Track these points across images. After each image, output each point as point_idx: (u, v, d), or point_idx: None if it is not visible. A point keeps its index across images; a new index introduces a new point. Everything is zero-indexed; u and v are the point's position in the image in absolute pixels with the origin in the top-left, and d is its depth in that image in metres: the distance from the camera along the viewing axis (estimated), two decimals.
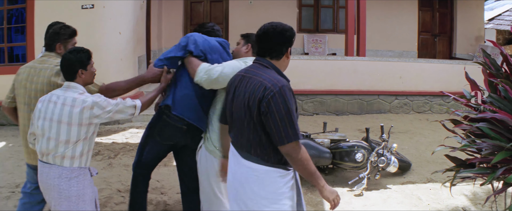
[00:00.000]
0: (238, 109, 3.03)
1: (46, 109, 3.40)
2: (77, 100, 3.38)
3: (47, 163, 3.41)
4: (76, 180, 3.43)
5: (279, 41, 3.03)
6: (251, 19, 14.46)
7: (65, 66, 3.48)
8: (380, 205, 5.57)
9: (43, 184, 3.47)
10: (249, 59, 3.78)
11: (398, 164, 6.23)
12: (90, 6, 9.44)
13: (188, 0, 14.88)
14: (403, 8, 15.12)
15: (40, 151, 3.44)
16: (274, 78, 2.91)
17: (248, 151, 3.03)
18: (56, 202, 3.44)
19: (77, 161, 3.44)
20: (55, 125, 3.35)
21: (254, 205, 3.01)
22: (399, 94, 11.35)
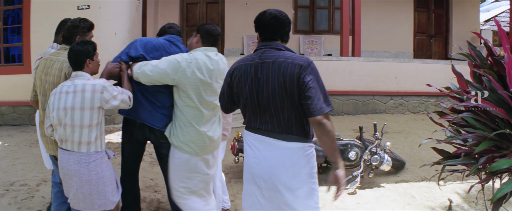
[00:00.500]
0: (271, 94, 3.13)
1: (59, 100, 3.64)
2: (87, 85, 3.64)
3: (66, 150, 3.67)
4: (94, 164, 3.67)
5: (288, 25, 3.29)
6: (247, 20, 14.44)
7: (73, 57, 3.71)
8: (373, 203, 5.59)
9: (64, 170, 3.71)
10: (199, 50, 4.04)
11: (391, 162, 6.25)
12: (86, 7, 9.47)
13: (184, 1, 14.90)
14: (399, 9, 15.14)
15: (59, 139, 3.69)
16: (301, 56, 3.15)
17: (288, 132, 3.16)
18: (78, 186, 3.68)
19: (93, 146, 3.68)
20: (70, 112, 3.59)
21: (298, 184, 3.17)
22: (394, 94, 11.38)
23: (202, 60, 3.98)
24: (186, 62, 3.92)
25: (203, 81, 3.97)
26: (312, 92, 3.00)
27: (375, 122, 6.48)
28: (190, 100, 3.97)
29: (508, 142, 3.16)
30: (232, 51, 14.57)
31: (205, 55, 4.02)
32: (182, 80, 3.92)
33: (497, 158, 2.97)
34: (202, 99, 4.00)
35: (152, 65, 3.91)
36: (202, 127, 4.06)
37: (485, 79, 3.25)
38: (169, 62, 3.90)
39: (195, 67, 3.92)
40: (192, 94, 3.95)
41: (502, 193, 2.85)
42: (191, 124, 4.02)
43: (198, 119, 4.03)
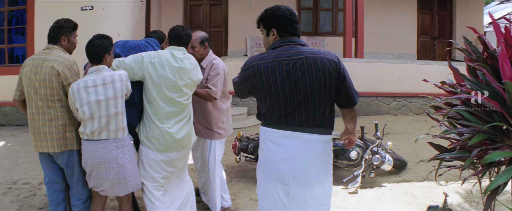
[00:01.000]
0: (309, 89, 3.19)
1: (87, 95, 3.86)
2: (114, 76, 3.92)
3: (101, 140, 3.90)
4: (128, 148, 4.04)
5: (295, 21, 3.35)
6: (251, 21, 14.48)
7: (94, 51, 3.94)
8: (374, 203, 5.60)
9: (99, 160, 3.91)
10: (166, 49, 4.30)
11: (392, 162, 6.25)
12: (89, 8, 9.52)
13: (187, 2, 14.95)
14: (402, 11, 15.14)
15: (92, 131, 3.88)
16: (328, 51, 3.28)
17: (321, 125, 3.28)
18: (116, 171, 3.97)
19: (126, 131, 4.04)
20: (104, 103, 3.86)
21: (326, 176, 3.35)
22: (397, 95, 11.37)
23: (165, 57, 4.17)
24: (149, 58, 4.14)
25: (165, 77, 4.13)
26: (349, 85, 3.25)
27: (377, 122, 6.47)
28: (151, 95, 4.15)
29: (502, 134, 3.17)
30: (235, 52, 14.60)
31: (169, 53, 4.22)
32: (145, 75, 4.12)
33: (491, 150, 2.97)
34: (163, 95, 4.15)
35: (119, 60, 4.16)
36: (163, 123, 4.19)
37: (480, 73, 3.26)
38: (134, 58, 4.15)
39: (157, 63, 4.12)
40: (152, 89, 4.13)
41: (495, 184, 2.86)
42: (152, 120, 4.18)
43: (159, 115, 4.17)
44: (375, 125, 6.32)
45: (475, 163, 3.37)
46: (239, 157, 6.43)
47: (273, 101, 3.27)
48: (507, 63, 2.99)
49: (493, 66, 3.26)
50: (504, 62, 2.99)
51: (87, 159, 3.95)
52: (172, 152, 4.30)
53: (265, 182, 3.39)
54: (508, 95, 2.98)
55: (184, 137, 4.33)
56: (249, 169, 6.90)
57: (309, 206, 3.25)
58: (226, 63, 11.03)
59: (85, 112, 3.86)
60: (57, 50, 4.22)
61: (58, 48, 4.24)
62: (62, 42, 4.26)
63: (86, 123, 3.91)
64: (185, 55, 4.34)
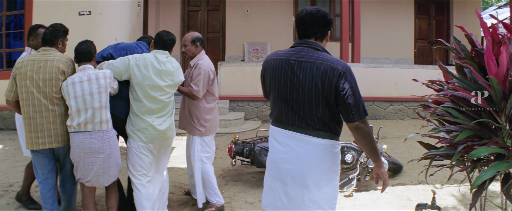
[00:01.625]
0: (307, 93, 3.19)
1: (74, 90, 4.24)
2: (99, 74, 4.32)
3: (87, 131, 4.24)
4: (113, 139, 4.39)
5: (324, 23, 3.25)
6: (248, 27, 14.60)
7: (85, 53, 4.40)
8: (369, 205, 5.62)
9: (86, 150, 4.24)
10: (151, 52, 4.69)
11: (388, 165, 6.26)
12: (87, 13, 9.57)
13: (185, 8, 15.00)
14: (400, 16, 15.19)
15: (78, 123, 4.22)
16: (339, 60, 3.18)
17: (320, 129, 3.24)
18: (101, 161, 4.32)
19: (110, 123, 4.38)
20: (89, 97, 4.23)
21: (326, 180, 3.29)
22: (394, 100, 11.41)
23: (149, 60, 4.57)
24: (135, 60, 4.53)
25: (148, 77, 4.52)
26: (350, 100, 3.08)
27: (371, 125, 6.49)
28: (136, 94, 4.55)
29: (489, 131, 3.20)
30: (233, 58, 14.64)
31: (154, 56, 4.61)
32: (131, 76, 4.52)
33: (477, 146, 3.00)
34: (147, 93, 4.54)
35: (108, 63, 4.57)
36: (147, 117, 4.59)
37: (467, 71, 3.30)
38: (122, 61, 4.54)
39: (142, 65, 4.51)
40: (137, 88, 4.53)
41: (481, 180, 2.88)
42: (137, 115, 4.57)
43: (143, 111, 4.57)
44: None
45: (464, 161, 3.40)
46: (235, 161, 6.46)
47: (275, 97, 3.37)
48: (492, 60, 3.03)
49: (480, 64, 3.29)
50: (490, 58, 3.03)
51: (75, 150, 4.26)
52: (155, 143, 4.68)
53: (268, 179, 3.51)
54: (493, 91, 3.01)
55: (166, 129, 4.73)
56: (245, 172, 6.92)
57: (306, 207, 3.31)
58: (223, 68, 11.11)
59: (72, 105, 4.23)
60: (55, 52, 4.48)
61: (55, 50, 4.51)
62: (58, 45, 4.56)
63: (73, 116, 4.25)
64: (168, 58, 4.72)
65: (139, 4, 11.31)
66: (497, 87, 2.97)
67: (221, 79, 11.15)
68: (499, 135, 3.17)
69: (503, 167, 2.92)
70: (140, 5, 11.43)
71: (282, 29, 14.74)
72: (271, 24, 14.71)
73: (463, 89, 3.22)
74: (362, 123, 3.13)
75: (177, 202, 5.74)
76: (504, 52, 3.02)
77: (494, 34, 3.21)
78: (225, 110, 10.76)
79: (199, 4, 15.06)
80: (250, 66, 11.62)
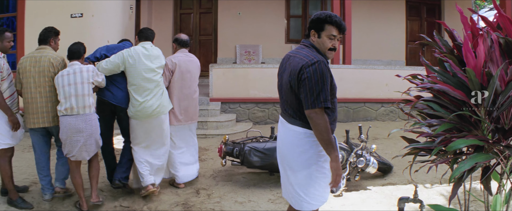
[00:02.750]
0: (285, 82, 3.68)
1: (62, 81, 5.33)
2: (83, 68, 5.44)
3: (73, 115, 5.30)
4: (94, 121, 5.44)
5: (310, 23, 3.69)
6: (240, 29, 14.64)
7: (74, 52, 5.59)
8: (358, 205, 5.66)
9: (72, 130, 5.28)
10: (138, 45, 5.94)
11: (377, 165, 6.30)
12: (79, 15, 9.59)
13: (177, 11, 15.03)
14: (391, 18, 15.24)
15: (65, 108, 5.29)
16: (311, 54, 3.52)
17: (293, 117, 3.64)
18: (84, 139, 5.33)
19: (92, 108, 5.42)
20: (74, 86, 5.29)
21: (298, 166, 3.65)
22: (385, 101, 11.43)
23: (139, 50, 5.83)
24: (128, 52, 5.77)
25: (141, 62, 5.76)
26: (305, 89, 3.42)
27: (361, 125, 6.54)
28: (133, 78, 5.75)
29: (469, 124, 3.24)
30: (225, 60, 14.67)
31: (141, 47, 5.89)
32: (126, 65, 5.74)
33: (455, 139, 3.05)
34: (142, 76, 5.75)
35: (106, 61, 5.74)
36: (143, 98, 5.75)
37: (447, 65, 3.34)
38: (117, 56, 5.75)
39: (134, 54, 5.76)
40: (134, 74, 5.74)
41: (459, 171, 2.92)
42: (135, 98, 5.76)
43: (140, 92, 5.76)
44: (359, 127, 6.38)
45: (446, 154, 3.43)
46: (225, 161, 6.49)
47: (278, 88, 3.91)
48: (470, 52, 3.08)
49: (461, 58, 3.34)
50: (468, 51, 3.08)
51: (63, 130, 5.32)
52: (149, 119, 5.81)
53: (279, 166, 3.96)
54: (471, 84, 3.06)
55: (157, 107, 5.83)
56: (235, 173, 6.96)
57: (287, 189, 3.81)
58: (214, 70, 11.16)
59: (60, 93, 5.34)
60: (50, 49, 5.64)
61: (49, 48, 5.65)
62: (51, 43, 5.70)
63: (61, 103, 5.33)
64: (152, 47, 6.00)
65: (131, 7, 11.34)
66: (474, 79, 3.02)
67: (212, 81, 11.17)
68: (479, 128, 3.21)
69: (481, 159, 2.97)
70: (132, 7, 11.46)
71: (274, 31, 14.81)
72: (263, 27, 14.75)
73: (442, 82, 3.26)
74: (313, 112, 3.41)
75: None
76: (481, 44, 3.07)
77: (474, 28, 3.27)
78: (216, 112, 10.77)
79: (191, 6, 15.10)
80: (242, 68, 11.66)
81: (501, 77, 3.06)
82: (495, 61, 3.12)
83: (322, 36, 3.61)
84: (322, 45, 3.63)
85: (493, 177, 3.50)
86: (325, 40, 3.61)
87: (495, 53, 3.13)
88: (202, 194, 6.06)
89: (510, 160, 3.26)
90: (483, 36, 3.15)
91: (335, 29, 3.58)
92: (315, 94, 3.39)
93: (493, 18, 3.44)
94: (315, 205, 3.70)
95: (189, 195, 6.02)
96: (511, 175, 3.39)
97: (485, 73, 3.06)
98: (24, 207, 5.46)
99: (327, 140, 3.43)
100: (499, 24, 3.27)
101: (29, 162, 7.27)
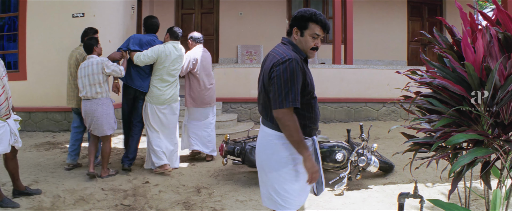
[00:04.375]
0: (260, 82, 3.55)
1: (80, 72, 6.56)
2: (96, 60, 6.55)
3: (88, 99, 6.53)
4: (105, 105, 6.59)
5: (291, 22, 3.51)
6: (241, 29, 14.66)
7: (87, 46, 6.63)
8: (359, 204, 5.63)
9: (88, 110, 6.53)
10: (169, 43, 6.99)
11: (378, 164, 6.28)
12: (80, 15, 9.62)
13: (179, 11, 15.06)
14: (393, 18, 15.26)
15: (85, 95, 6.52)
16: (285, 52, 3.33)
17: (265, 118, 3.53)
18: (96, 119, 6.52)
19: (104, 94, 6.58)
20: (91, 77, 6.46)
21: (268, 168, 3.51)
22: (387, 101, 11.43)
23: (171, 48, 6.94)
24: (164, 48, 6.86)
25: (170, 59, 6.90)
26: (274, 87, 3.26)
27: (362, 124, 6.53)
28: (160, 71, 6.90)
29: (468, 119, 3.24)
30: (226, 60, 14.69)
31: (172, 46, 6.99)
32: (160, 59, 6.83)
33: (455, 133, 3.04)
34: (167, 71, 6.92)
35: (144, 55, 6.73)
36: (160, 88, 6.92)
37: (446, 60, 3.34)
38: (154, 50, 6.79)
39: (167, 52, 6.86)
40: (161, 67, 6.87)
41: (459, 165, 2.92)
42: (155, 86, 6.93)
43: (161, 83, 6.93)
44: (360, 126, 6.36)
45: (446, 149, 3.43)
46: (226, 160, 6.50)
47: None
48: (469, 47, 3.08)
49: (459, 54, 3.35)
50: (466, 46, 3.08)
51: (83, 109, 6.60)
52: (163, 105, 6.97)
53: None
54: (470, 78, 3.06)
55: (171, 96, 7.04)
56: (236, 172, 6.96)
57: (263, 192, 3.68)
58: (216, 70, 11.19)
59: (79, 82, 6.57)
60: (81, 46, 7.12)
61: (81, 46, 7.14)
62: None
63: (80, 90, 6.58)
64: (181, 47, 7.14)
65: (133, 7, 11.35)
66: (473, 73, 3.02)
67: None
68: (479, 123, 3.21)
69: (480, 153, 2.97)
70: (134, 7, 11.46)
71: (276, 31, 14.77)
72: (265, 27, 14.77)
73: (441, 77, 3.26)
74: (281, 113, 3.26)
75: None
76: (480, 39, 3.07)
77: (473, 24, 3.27)
78: (218, 111, 10.76)
79: (193, 7, 15.15)
80: (243, 68, 11.67)
81: (500, 72, 3.05)
82: (494, 56, 3.11)
83: (305, 35, 3.44)
84: (305, 44, 3.47)
85: (493, 173, 3.50)
86: (307, 39, 3.45)
87: (494, 48, 3.13)
88: (203, 192, 6.05)
89: (510, 154, 3.26)
90: (482, 31, 3.15)
91: (319, 28, 3.42)
92: (283, 94, 3.22)
93: (493, 14, 3.43)
94: (290, 208, 3.53)
95: (190, 194, 6.01)
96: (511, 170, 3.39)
97: (484, 68, 3.06)
98: (10, 206, 5.40)
99: (297, 141, 3.31)
100: (499, 20, 3.26)
101: (28, 161, 7.36)
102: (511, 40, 3.11)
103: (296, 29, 3.46)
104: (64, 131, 10.19)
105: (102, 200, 5.74)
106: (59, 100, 9.87)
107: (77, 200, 5.70)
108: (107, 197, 5.82)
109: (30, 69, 10.06)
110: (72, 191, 5.96)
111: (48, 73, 9.91)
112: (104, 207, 5.51)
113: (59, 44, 9.67)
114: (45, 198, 5.70)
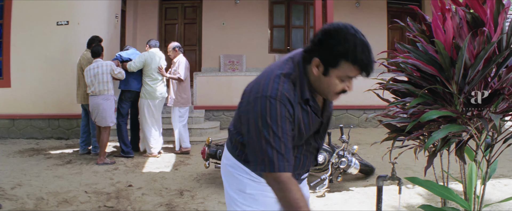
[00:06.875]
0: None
1: (89, 72, 7.83)
2: (105, 62, 7.92)
3: (96, 95, 7.82)
4: (110, 101, 7.94)
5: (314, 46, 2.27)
6: (224, 39, 14.73)
7: (96, 53, 7.96)
8: (341, 205, 5.72)
9: (94, 105, 7.85)
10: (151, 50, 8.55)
11: (359, 166, 6.33)
12: (64, 23, 9.73)
13: (162, 21, 15.13)
14: (373, 28, 15.34)
15: (93, 91, 7.81)
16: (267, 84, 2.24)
17: (230, 140, 2.59)
18: (101, 112, 7.84)
19: (110, 91, 7.92)
20: (100, 76, 7.78)
21: (227, 199, 2.66)
22: (367, 108, 11.57)
23: (152, 53, 8.48)
24: (148, 55, 8.42)
25: (156, 62, 8.43)
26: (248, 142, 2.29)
27: (342, 125, 6.62)
28: (150, 71, 8.39)
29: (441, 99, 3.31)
30: (209, 70, 14.73)
31: (153, 52, 8.49)
32: (147, 63, 8.36)
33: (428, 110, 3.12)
34: (155, 70, 8.43)
35: (134, 62, 8.31)
36: (152, 85, 8.44)
37: (419, 45, 3.43)
38: (140, 57, 8.39)
39: (151, 55, 8.44)
40: (151, 68, 8.38)
41: (433, 140, 2.98)
42: (147, 83, 8.45)
43: (153, 81, 8.45)
44: (341, 128, 6.40)
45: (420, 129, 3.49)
46: (208, 163, 6.56)
47: None
48: (439, 28, 3.16)
49: (431, 37, 3.43)
50: (437, 27, 3.16)
51: (90, 104, 7.92)
52: (155, 100, 8.51)
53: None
54: (441, 57, 3.13)
55: (161, 92, 8.58)
56: (219, 175, 6.95)
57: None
58: (198, 78, 11.34)
59: (87, 81, 7.83)
60: (88, 52, 8.32)
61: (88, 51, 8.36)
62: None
63: (89, 87, 7.83)
64: (159, 51, 8.70)
65: (117, 16, 11.41)
66: (443, 52, 3.07)
67: (196, 89, 11.28)
68: (452, 103, 3.28)
69: (454, 129, 3.04)
70: (118, 16, 11.52)
71: (258, 41, 14.99)
72: (247, 37, 14.86)
73: (414, 58, 3.35)
74: (270, 177, 2.19)
75: None
76: (449, 20, 3.17)
77: (443, 8, 3.35)
78: (200, 119, 10.85)
79: (176, 17, 15.21)
80: (225, 76, 11.77)
81: (470, 51, 3.12)
82: (464, 36, 3.18)
83: (331, 75, 2.22)
84: (326, 87, 2.29)
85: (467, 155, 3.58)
86: (333, 81, 2.25)
87: (463, 29, 3.22)
88: (186, 195, 6.11)
89: (483, 132, 3.35)
90: (451, 11, 3.26)
91: (356, 70, 2.20)
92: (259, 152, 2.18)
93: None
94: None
95: (172, 196, 6.07)
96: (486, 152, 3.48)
97: (454, 46, 3.14)
98: None
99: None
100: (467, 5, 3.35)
101: (13, 166, 7.43)
102: (478, 20, 3.19)
103: (319, 62, 2.22)
104: (48, 138, 10.21)
105: (85, 202, 5.78)
106: (43, 108, 9.93)
107: (60, 202, 5.74)
108: (91, 200, 5.87)
109: (14, 77, 10.11)
110: (55, 194, 6.01)
111: (32, 80, 9.97)
112: (87, 209, 5.56)
113: (43, 51, 9.76)
114: (28, 200, 5.74)
